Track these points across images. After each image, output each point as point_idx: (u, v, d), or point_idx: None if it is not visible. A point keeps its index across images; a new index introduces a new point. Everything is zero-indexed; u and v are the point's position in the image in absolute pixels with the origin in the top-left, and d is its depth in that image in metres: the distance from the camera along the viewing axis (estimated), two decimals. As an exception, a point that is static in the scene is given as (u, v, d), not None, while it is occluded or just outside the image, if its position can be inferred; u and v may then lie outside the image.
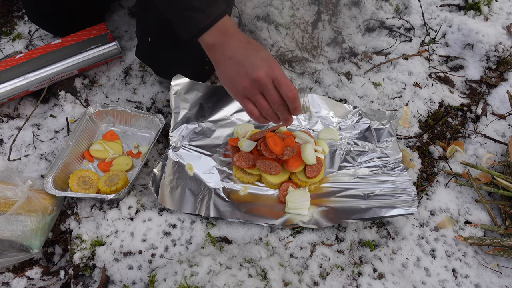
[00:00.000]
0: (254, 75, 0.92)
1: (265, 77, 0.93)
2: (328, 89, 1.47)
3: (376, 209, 1.12)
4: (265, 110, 0.98)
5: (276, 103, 0.96)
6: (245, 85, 0.95)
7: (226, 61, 0.96)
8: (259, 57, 0.94)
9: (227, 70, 0.97)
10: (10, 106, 1.39)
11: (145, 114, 1.29)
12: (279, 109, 0.97)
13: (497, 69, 1.55)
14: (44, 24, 1.49)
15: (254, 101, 0.97)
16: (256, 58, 0.94)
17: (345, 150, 1.29)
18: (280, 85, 0.94)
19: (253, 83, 0.94)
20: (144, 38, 1.26)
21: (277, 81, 0.94)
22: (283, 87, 0.94)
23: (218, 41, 0.96)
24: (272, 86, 0.94)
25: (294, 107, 0.97)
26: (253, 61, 0.93)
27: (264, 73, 0.92)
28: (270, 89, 0.94)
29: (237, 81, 0.96)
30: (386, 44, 1.60)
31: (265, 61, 0.94)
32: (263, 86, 0.94)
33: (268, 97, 0.96)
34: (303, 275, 1.07)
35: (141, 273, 1.07)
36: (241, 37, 0.97)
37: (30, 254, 1.04)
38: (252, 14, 1.61)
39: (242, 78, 0.94)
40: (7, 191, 1.05)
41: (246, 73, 0.93)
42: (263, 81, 0.93)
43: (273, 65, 0.94)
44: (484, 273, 1.13)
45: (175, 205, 1.14)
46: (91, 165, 1.26)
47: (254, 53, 0.95)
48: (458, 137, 1.40)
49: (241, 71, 0.94)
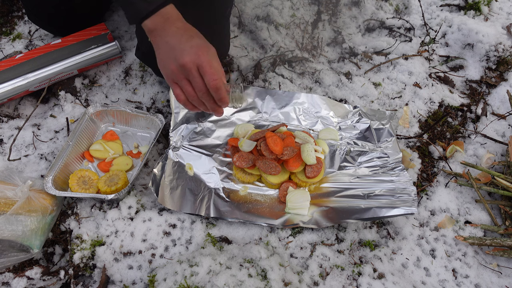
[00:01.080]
0: (180, 61, 0.96)
1: (190, 63, 0.95)
2: (328, 89, 1.47)
3: (376, 209, 1.13)
4: (190, 97, 1.01)
5: (200, 91, 0.99)
6: (173, 69, 0.98)
7: (162, 45, 1.00)
8: (190, 44, 0.97)
9: (161, 54, 1.01)
10: (10, 106, 1.40)
11: (145, 114, 1.29)
12: (204, 98, 1.00)
13: (497, 69, 1.55)
14: (44, 24, 1.49)
15: (181, 86, 1.01)
16: (186, 45, 0.97)
17: (345, 150, 1.29)
18: (204, 73, 0.96)
19: (179, 68, 0.97)
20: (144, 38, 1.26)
21: (201, 69, 0.96)
22: (206, 76, 0.96)
23: (158, 27, 0.99)
24: (196, 73, 0.97)
25: (218, 98, 0.99)
26: (183, 47, 0.96)
27: (189, 59, 0.95)
28: (194, 75, 0.97)
29: (167, 65, 0.99)
30: (386, 44, 1.60)
31: (195, 47, 0.96)
32: (188, 72, 0.96)
33: (193, 84, 0.98)
34: (303, 275, 1.07)
35: (141, 273, 1.07)
36: (180, 24, 1.01)
37: (30, 254, 1.04)
38: (252, 14, 1.61)
39: (171, 62, 0.98)
40: (7, 191, 1.05)
41: (175, 58, 0.97)
42: (188, 67, 0.95)
43: (201, 53, 0.96)
44: (484, 273, 1.13)
45: (175, 205, 1.14)
46: (91, 165, 1.26)
47: (186, 39, 0.98)
48: (458, 137, 1.40)
49: (171, 55, 0.98)
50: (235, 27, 1.60)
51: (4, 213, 1.02)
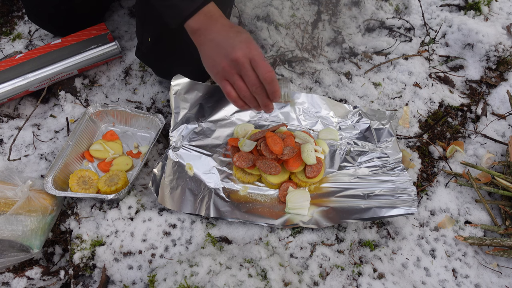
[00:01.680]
0: (232, 55, 0.94)
1: (243, 57, 0.94)
2: (328, 89, 1.47)
3: (376, 209, 1.12)
4: (242, 92, 0.98)
5: (253, 85, 0.97)
6: (224, 66, 0.96)
7: (208, 43, 0.99)
8: (239, 39, 0.96)
9: (208, 52, 0.99)
10: (10, 106, 1.40)
11: (145, 114, 1.29)
12: (257, 92, 0.98)
13: (497, 69, 1.55)
14: (44, 24, 1.49)
15: (232, 82, 0.98)
16: (235, 40, 0.95)
17: (345, 150, 1.29)
18: (257, 66, 0.94)
19: (231, 64, 0.95)
20: (144, 38, 1.26)
21: (254, 62, 0.94)
22: (260, 68, 0.94)
23: (202, 26, 0.98)
24: (249, 67, 0.95)
25: (272, 91, 0.97)
26: (232, 43, 0.95)
27: (241, 53, 0.94)
28: (247, 69, 0.95)
29: (217, 62, 0.98)
30: (386, 44, 1.60)
31: (244, 42, 0.95)
32: (241, 67, 0.95)
33: (246, 78, 0.96)
34: (303, 275, 1.07)
35: (141, 273, 1.07)
36: (224, 21, 0.99)
37: (30, 254, 1.04)
38: (252, 14, 1.61)
39: (221, 58, 0.96)
40: (7, 191, 1.05)
41: (225, 54, 0.95)
42: (240, 61, 0.94)
43: (252, 46, 0.95)
44: (484, 273, 1.13)
45: (175, 205, 1.14)
46: (91, 165, 1.26)
47: (235, 35, 0.97)
48: (458, 137, 1.40)
49: (220, 52, 0.96)
50: (235, 27, 1.60)
51: (4, 213, 1.02)
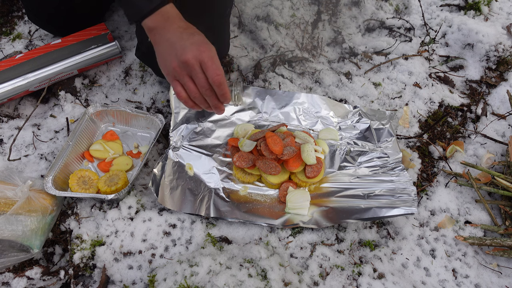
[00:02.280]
0: (182, 57, 0.95)
1: (192, 59, 0.95)
2: (328, 89, 1.47)
3: (376, 209, 1.12)
4: (192, 93, 1.00)
5: (203, 87, 0.98)
6: (174, 66, 0.97)
7: (162, 43, 1.00)
8: (191, 41, 0.96)
9: (161, 52, 1.00)
10: (10, 106, 1.39)
11: (145, 114, 1.29)
12: (207, 94, 0.99)
13: (497, 69, 1.55)
14: (44, 24, 1.49)
15: (182, 83, 1.00)
16: (187, 42, 0.96)
17: (345, 150, 1.29)
18: (207, 68, 0.95)
19: (181, 65, 0.96)
20: (144, 38, 1.26)
21: (204, 65, 0.95)
22: (209, 71, 0.95)
23: (158, 25, 0.99)
24: (199, 69, 0.96)
25: (221, 93, 0.99)
26: (184, 44, 0.96)
27: (191, 55, 0.94)
28: (197, 71, 0.96)
29: (168, 62, 0.98)
30: (386, 44, 1.60)
31: (195, 44, 0.96)
32: (190, 68, 0.96)
33: (196, 80, 0.98)
34: (303, 275, 1.07)
35: (141, 273, 1.07)
36: (180, 23, 1.00)
37: (30, 254, 1.04)
38: (252, 14, 1.61)
39: (172, 59, 0.97)
40: (7, 191, 1.05)
41: (176, 55, 0.96)
42: (190, 63, 0.95)
43: (202, 49, 0.96)
44: (484, 273, 1.13)
45: (175, 205, 1.14)
46: (91, 165, 1.26)
47: (187, 36, 0.97)
48: (458, 137, 1.40)
49: (172, 52, 0.97)
50: (235, 27, 1.60)
51: (4, 213, 1.02)
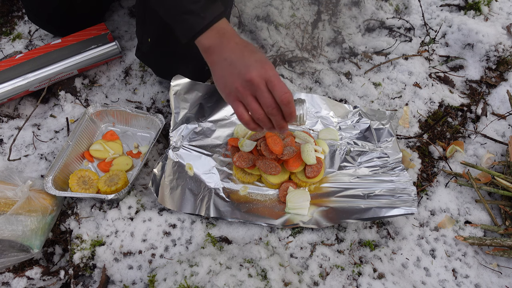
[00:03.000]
0: (247, 76, 0.89)
1: (258, 78, 0.89)
2: (328, 89, 1.47)
3: (376, 209, 1.13)
4: (256, 114, 0.93)
5: (269, 106, 0.91)
6: (237, 86, 0.92)
7: (220, 63, 0.95)
8: (254, 58, 0.92)
9: (221, 71, 0.95)
10: (10, 106, 1.39)
11: (145, 114, 1.29)
12: (272, 113, 0.92)
13: (497, 69, 1.55)
14: (44, 24, 1.49)
15: (246, 103, 0.93)
16: (250, 59, 0.91)
17: (345, 150, 1.29)
18: (273, 87, 0.90)
19: (245, 84, 0.91)
20: (144, 38, 1.26)
21: (270, 83, 0.90)
22: (276, 89, 0.90)
23: (214, 43, 0.94)
24: (265, 88, 0.90)
25: (288, 112, 0.93)
26: (247, 62, 0.91)
27: (256, 74, 0.89)
28: (263, 90, 0.90)
29: (230, 82, 0.93)
30: (386, 44, 1.60)
31: (259, 62, 0.91)
32: (256, 87, 0.90)
33: (261, 99, 0.91)
34: (303, 275, 1.07)
35: (141, 273, 1.07)
36: (238, 40, 0.96)
37: (30, 254, 1.04)
38: (252, 14, 1.61)
39: (234, 78, 0.92)
40: (7, 191, 1.05)
41: (239, 74, 0.91)
42: (255, 82, 0.89)
43: (267, 67, 0.91)
44: (484, 273, 1.13)
45: (175, 205, 1.14)
46: (91, 165, 1.26)
47: (249, 54, 0.93)
48: (458, 137, 1.40)
49: (234, 71, 0.92)
50: (235, 27, 1.60)
51: (4, 213, 1.02)
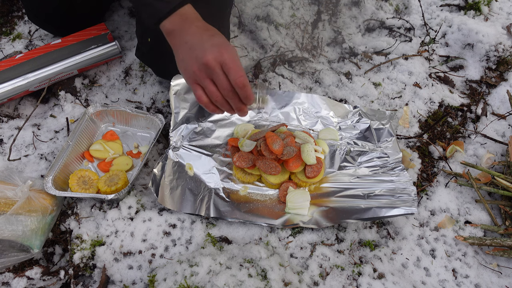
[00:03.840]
0: (203, 59, 0.91)
1: (213, 61, 0.91)
2: (328, 89, 1.47)
3: (376, 209, 1.13)
4: (214, 97, 0.96)
5: (225, 89, 0.94)
6: (195, 69, 0.94)
7: (181, 46, 0.97)
8: (211, 42, 0.93)
9: (181, 55, 0.97)
10: (10, 106, 1.40)
11: (145, 114, 1.29)
12: (229, 96, 0.95)
13: (497, 69, 1.55)
14: (44, 24, 1.49)
15: (204, 86, 0.96)
16: (208, 43, 0.93)
17: (345, 150, 1.29)
18: (228, 70, 0.92)
19: (201, 67, 0.93)
20: (144, 38, 1.26)
21: (225, 66, 0.92)
22: (231, 72, 0.91)
23: (177, 27, 0.97)
24: (220, 71, 0.92)
25: (244, 95, 0.94)
26: (204, 46, 0.93)
27: (212, 57, 0.91)
28: (218, 74, 0.92)
29: (189, 65, 0.95)
30: (386, 44, 1.60)
31: (216, 46, 0.93)
32: (211, 71, 0.92)
33: (217, 82, 0.94)
34: (303, 275, 1.07)
35: (141, 273, 1.07)
36: (199, 23, 0.98)
37: (30, 254, 1.04)
38: (252, 14, 1.61)
39: (192, 62, 0.94)
40: (7, 191, 1.05)
41: (196, 57, 0.93)
42: (211, 65, 0.91)
43: (223, 50, 0.92)
44: (484, 273, 1.13)
45: (175, 205, 1.14)
46: (91, 165, 1.26)
47: (208, 38, 0.95)
48: (458, 137, 1.40)
49: (192, 55, 0.94)
50: (235, 27, 1.60)
51: (4, 213, 1.02)
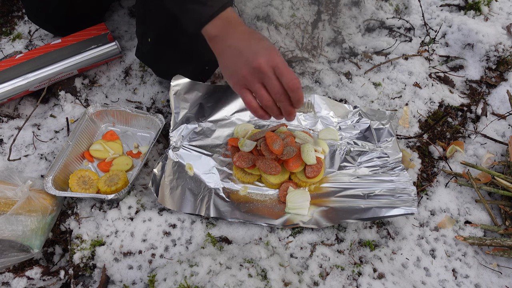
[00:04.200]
0: (254, 63, 0.90)
1: (266, 65, 0.90)
2: (328, 89, 1.47)
3: (376, 209, 1.13)
4: (264, 101, 0.94)
5: (277, 93, 0.92)
6: (245, 74, 0.92)
7: (227, 51, 0.95)
8: (260, 45, 0.92)
9: (228, 60, 0.95)
10: (10, 106, 1.40)
11: (145, 114, 1.29)
12: (281, 99, 0.93)
13: (497, 69, 1.55)
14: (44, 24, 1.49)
15: (254, 91, 0.94)
16: (257, 47, 0.92)
17: (345, 150, 1.29)
18: (281, 73, 0.90)
19: (252, 71, 0.91)
20: (144, 38, 1.26)
21: (278, 70, 0.90)
22: (285, 76, 0.90)
23: (221, 32, 0.95)
24: (273, 75, 0.91)
25: (296, 98, 0.93)
26: (254, 50, 0.91)
27: (264, 61, 0.89)
28: (270, 77, 0.91)
29: (237, 70, 0.93)
30: (386, 44, 1.60)
31: (266, 49, 0.91)
32: (263, 75, 0.90)
33: (269, 86, 0.92)
34: (303, 275, 1.07)
35: (141, 273, 1.07)
36: (244, 28, 0.96)
37: (30, 254, 1.04)
38: (252, 14, 1.61)
39: (242, 66, 0.92)
40: (7, 191, 1.05)
41: (246, 61, 0.91)
42: (263, 69, 0.90)
43: (274, 54, 0.91)
44: (484, 273, 1.13)
45: (175, 205, 1.14)
46: (91, 165, 1.26)
47: (256, 42, 0.93)
48: (458, 137, 1.40)
49: (241, 59, 0.92)
50: (235, 27, 1.60)
51: (4, 213, 1.02)
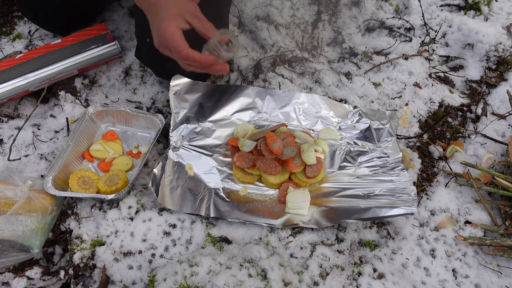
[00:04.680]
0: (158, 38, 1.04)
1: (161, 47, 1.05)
2: (328, 89, 1.47)
3: (376, 209, 1.12)
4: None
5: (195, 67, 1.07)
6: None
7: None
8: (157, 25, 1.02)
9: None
10: (10, 106, 1.40)
11: (145, 114, 1.29)
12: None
13: (497, 69, 1.55)
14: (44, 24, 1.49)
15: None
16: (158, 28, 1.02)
17: (345, 150, 1.29)
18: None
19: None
20: (143, 38, 1.26)
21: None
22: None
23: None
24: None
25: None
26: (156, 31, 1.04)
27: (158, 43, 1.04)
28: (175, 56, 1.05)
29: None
30: (386, 44, 1.60)
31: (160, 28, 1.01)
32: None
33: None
34: (303, 275, 1.07)
35: (141, 273, 1.07)
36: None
37: (30, 254, 1.04)
38: (252, 14, 1.61)
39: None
40: (7, 191, 1.05)
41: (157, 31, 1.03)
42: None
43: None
44: (484, 273, 1.13)
45: (175, 205, 1.14)
46: (91, 165, 1.26)
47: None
48: (458, 137, 1.40)
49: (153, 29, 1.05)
50: (235, 27, 1.60)
51: (4, 213, 1.02)
